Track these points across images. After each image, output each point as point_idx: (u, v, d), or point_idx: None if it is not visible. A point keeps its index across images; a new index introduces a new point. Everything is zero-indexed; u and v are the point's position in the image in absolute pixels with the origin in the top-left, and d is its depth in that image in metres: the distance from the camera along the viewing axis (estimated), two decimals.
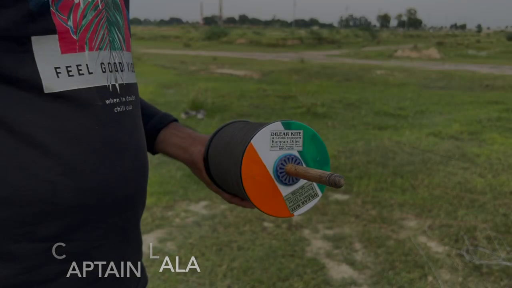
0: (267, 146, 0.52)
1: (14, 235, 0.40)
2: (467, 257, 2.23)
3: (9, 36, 0.39)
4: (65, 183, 0.42)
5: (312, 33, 40.85)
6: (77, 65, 0.43)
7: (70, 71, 0.43)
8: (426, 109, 6.34)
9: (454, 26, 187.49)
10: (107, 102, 0.46)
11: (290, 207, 0.54)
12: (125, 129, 0.48)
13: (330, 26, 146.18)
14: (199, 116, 5.47)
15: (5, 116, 0.39)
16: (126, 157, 0.48)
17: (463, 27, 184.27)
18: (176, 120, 0.68)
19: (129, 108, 0.50)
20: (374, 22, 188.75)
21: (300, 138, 0.53)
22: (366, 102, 6.71)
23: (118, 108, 0.47)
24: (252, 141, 0.51)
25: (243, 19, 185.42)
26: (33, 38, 0.40)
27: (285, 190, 0.53)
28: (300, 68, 11.22)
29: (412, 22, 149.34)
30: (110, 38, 0.47)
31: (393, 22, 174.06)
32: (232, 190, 0.60)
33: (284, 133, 0.52)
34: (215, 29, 46.03)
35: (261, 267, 2.14)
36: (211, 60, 14.91)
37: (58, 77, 0.42)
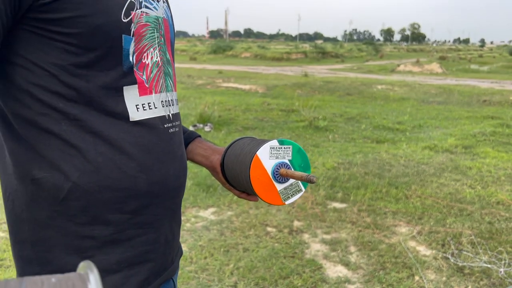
0: (267, 156, 0.77)
1: (111, 209, 0.65)
2: (452, 260, 2.45)
3: (111, 86, 0.65)
4: (141, 177, 0.67)
5: (316, 47, 41.36)
6: (148, 103, 0.69)
7: (144, 107, 0.68)
8: (424, 123, 6.58)
9: (458, 41, 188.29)
10: (165, 126, 0.71)
11: (283, 198, 0.80)
12: (175, 144, 0.74)
13: (334, 40, 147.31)
14: (207, 129, 5.74)
15: (108, 135, 0.65)
16: (176, 162, 0.73)
17: (466, 41, 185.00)
18: (199, 136, 0.94)
19: (177, 129, 0.75)
20: (378, 36, 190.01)
21: (290, 151, 0.78)
22: (366, 116, 6.96)
23: (171, 129, 0.73)
24: (257, 153, 0.77)
25: (248, 33, 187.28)
26: (124, 87, 0.66)
27: (279, 186, 0.79)
28: (303, 83, 11.51)
29: (415, 37, 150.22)
30: (165, 84, 0.73)
31: (397, 36, 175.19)
32: (241, 188, 0.85)
33: (279, 147, 0.78)
34: (221, 42, 46.69)
35: (265, 267, 2.37)
36: (216, 74, 15.27)
37: (137, 111, 0.67)
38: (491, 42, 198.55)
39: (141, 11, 0.66)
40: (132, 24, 0.64)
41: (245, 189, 0.84)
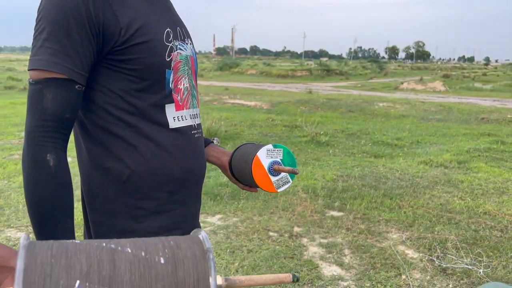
0: (265, 156, 1.06)
1: (155, 189, 0.94)
2: (436, 262, 2.70)
3: (157, 104, 0.94)
4: (176, 168, 0.95)
5: (320, 64, 41.82)
6: (181, 116, 0.98)
7: (179, 118, 0.97)
8: (422, 139, 6.84)
9: (462, 59, 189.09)
10: (192, 132, 1.00)
11: (276, 187, 1.08)
12: (199, 145, 1.02)
13: (339, 58, 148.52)
14: (215, 142, 6.02)
15: (155, 138, 0.93)
16: (199, 158, 1.02)
17: (471, 59, 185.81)
18: (212, 142, 1.23)
19: (200, 135, 1.04)
20: (383, 54, 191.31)
21: (281, 152, 1.07)
22: (367, 132, 7.24)
23: (196, 135, 1.02)
24: (257, 154, 1.05)
25: (254, 50, 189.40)
26: (166, 105, 0.95)
27: (273, 178, 1.07)
28: (307, 100, 11.84)
29: (420, 54, 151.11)
30: (192, 103, 1.02)
31: (402, 54, 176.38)
32: (245, 182, 1.13)
33: (273, 150, 1.06)
34: (227, 60, 47.44)
35: (266, 265, 2.63)
36: (223, 90, 15.67)
37: (174, 121, 0.96)
38: (496, 61, 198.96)
39: (177, 52, 0.96)
40: (172, 61, 0.94)
41: (248, 182, 1.13)
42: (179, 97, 0.97)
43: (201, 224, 3.25)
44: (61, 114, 0.80)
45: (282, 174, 1.08)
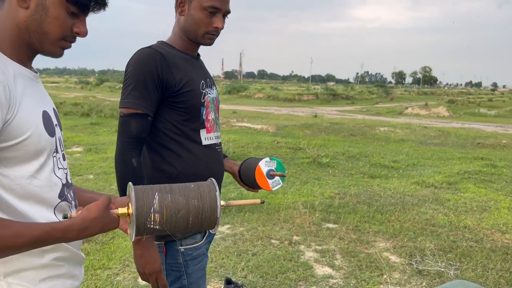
0: (263, 166, 1.56)
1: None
2: (415, 265, 3.13)
3: (195, 129, 1.44)
4: (206, 171, 1.45)
5: (327, 89, 42.56)
6: (209, 137, 1.49)
7: (208, 138, 1.48)
8: (418, 162, 7.29)
9: (470, 84, 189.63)
10: (216, 148, 1.51)
11: (271, 187, 1.58)
12: (220, 157, 1.53)
13: (346, 82, 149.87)
14: None
15: (193, 151, 1.44)
16: (220, 166, 1.52)
17: (478, 85, 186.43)
18: (226, 156, 1.73)
19: (221, 150, 1.55)
20: (390, 78, 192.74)
21: (275, 163, 1.57)
22: (366, 155, 7.71)
23: (219, 150, 1.52)
24: (259, 164, 1.56)
25: (262, 74, 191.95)
26: (200, 130, 1.46)
27: (269, 181, 1.57)
28: (311, 123, 12.38)
29: (427, 80, 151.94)
30: (216, 128, 1.54)
31: (409, 79, 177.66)
32: (250, 184, 1.63)
33: (269, 161, 1.57)
34: (235, 83, 48.43)
35: (268, 265, 3.08)
36: (231, 114, 16.28)
37: (205, 140, 1.47)
38: (504, 86, 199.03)
39: (207, 96, 1.47)
40: (204, 102, 1.45)
41: (251, 184, 1.62)
42: (208, 125, 1.49)
43: (214, 238, 3.72)
44: (139, 135, 1.32)
45: (276, 177, 1.58)
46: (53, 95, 26.01)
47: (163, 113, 1.39)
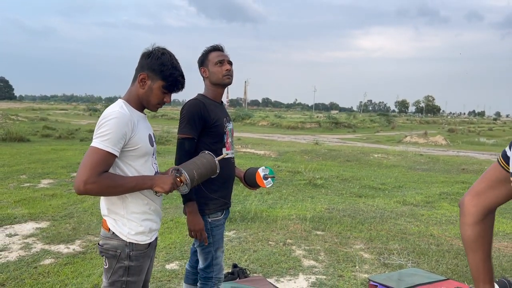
0: (261, 171, 2.47)
1: (218, 181, 2.32)
2: (382, 260, 3.96)
3: (220, 148, 2.35)
4: (225, 174, 2.34)
5: (329, 117, 43.61)
6: (228, 152, 2.40)
7: (227, 154, 2.39)
8: (404, 185, 8.12)
9: (473, 113, 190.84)
10: (231, 160, 2.41)
11: (266, 185, 2.48)
12: (233, 166, 2.43)
13: (349, 110, 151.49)
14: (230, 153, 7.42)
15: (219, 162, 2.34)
16: (233, 170, 2.42)
17: (481, 114, 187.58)
18: (236, 166, 2.64)
19: (234, 161, 2.45)
20: (393, 107, 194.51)
21: (268, 170, 2.49)
22: (358, 178, 8.56)
23: (232, 161, 2.43)
24: (258, 170, 2.47)
25: (266, 102, 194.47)
26: (223, 148, 2.37)
27: (265, 181, 2.48)
28: (310, 150, 13.28)
29: (430, 109, 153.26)
30: (232, 147, 2.45)
31: (412, 108, 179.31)
32: (251, 185, 2.53)
33: (265, 168, 2.48)
34: (240, 111, 49.70)
35: (266, 259, 3.91)
36: (236, 140, 17.23)
37: (226, 155, 2.38)
38: (507, 116, 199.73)
39: (227, 128, 2.40)
40: (226, 131, 2.37)
41: (252, 184, 2.52)
42: (227, 145, 2.40)
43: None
44: (190, 151, 2.22)
45: (269, 179, 2.47)
46: (66, 123, 26.93)
47: (202, 138, 2.29)
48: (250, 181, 2.52)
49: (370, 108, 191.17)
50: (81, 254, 3.94)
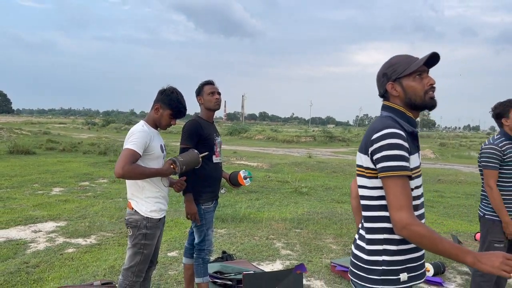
0: (242, 173, 3.33)
1: (209, 182, 3.16)
2: (346, 250, 4.78)
3: (212, 155, 3.21)
4: (214, 175, 3.18)
5: (324, 131, 44.60)
6: (217, 159, 3.25)
7: (216, 160, 3.24)
8: None
9: (468, 128, 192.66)
10: (219, 164, 3.26)
11: (246, 184, 3.34)
12: (221, 169, 3.28)
13: (346, 124, 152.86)
14: (222, 191, 8.24)
15: (210, 165, 3.17)
16: (220, 173, 3.27)
17: (476, 128, 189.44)
18: (223, 171, 3.50)
19: (221, 166, 3.30)
20: None
21: (247, 172, 3.36)
22: (340, 187, 9.40)
23: (220, 165, 3.28)
24: (240, 172, 3.33)
25: (263, 116, 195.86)
26: (213, 156, 3.22)
27: (245, 181, 3.34)
28: (300, 162, 14.13)
29: (425, 123, 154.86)
30: (221, 155, 3.31)
31: None
32: (235, 184, 3.39)
33: (245, 171, 3.35)
34: (237, 125, 50.61)
35: (250, 249, 4.73)
36: (232, 153, 18.08)
37: (215, 160, 3.22)
38: None
39: (216, 140, 3.26)
40: (215, 143, 3.23)
41: (235, 184, 3.38)
42: (216, 153, 3.25)
43: (214, 234, 5.39)
44: None
45: (247, 179, 3.32)
46: (68, 136, 27.62)
47: (198, 147, 3.12)
48: (234, 181, 3.37)
49: (367, 122, 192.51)
50: (97, 245, 4.76)
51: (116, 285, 3.08)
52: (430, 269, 4.06)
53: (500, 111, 3.02)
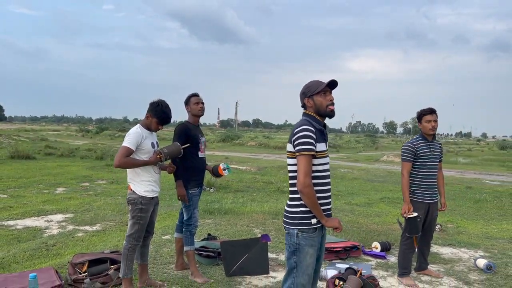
0: (222, 165, 4.21)
1: (196, 172, 4.02)
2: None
3: (197, 151, 4.07)
4: (199, 167, 4.05)
5: None
6: (201, 155, 4.11)
7: (201, 155, 4.10)
8: (356, 192, 9.86)
9: (460, 134, 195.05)
10: (204, 158, 4.13)
11: (225, 174, 4.22)
12: (205, 162, 4.15)
13: (339, 131, 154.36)
14: (211, 190, 9.10)
15: (196, 159, 4.04)
16: (204, 166, 4.14)
17: (468, 135, 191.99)
18: (207, 164, 4.38)
19: (205, 160, 4.17)
20: (382, 128, 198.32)
21: (226, 165, 4.25)
22: None
23: (204, 159, 4.15)
24: (220, 165, 4.21)
25: (257, 123, 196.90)
26: (199, 152, 4.09)
27: (224, 172, 4.22)
28: (285, 165, 15.02)
29: (417, 130, 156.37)
30: (204, 151, 4.18)
31: (400, 129, 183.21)
32: (216, 175, 4.26)
33: (224, 163, 4.24)
34: (229, 132, 51.46)
35: (232, 233, 5.58)
36: (223, 159, 18.93)
37: (199, 156, 4.09)
38: (493, 137, 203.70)
39: (201, 139, 4.13)
40: (200, 141, 4.11)
41: (216, 175, 4.26)
42: (201, 149, 4.13)
43: (202, 222, 6.24)
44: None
45: (226, 171, 4.20)
46: (64, 142, 28.26)
47: (188, 150, 4.00)
48: (215, 171, 4.23)
49: (359, 129, 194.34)
50: (102, 231, 5.59)
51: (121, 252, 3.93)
52: (378, 247, 4.95)
53: (417, 117, 3.95)
